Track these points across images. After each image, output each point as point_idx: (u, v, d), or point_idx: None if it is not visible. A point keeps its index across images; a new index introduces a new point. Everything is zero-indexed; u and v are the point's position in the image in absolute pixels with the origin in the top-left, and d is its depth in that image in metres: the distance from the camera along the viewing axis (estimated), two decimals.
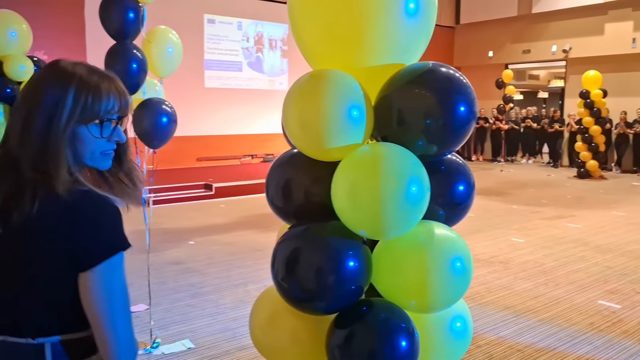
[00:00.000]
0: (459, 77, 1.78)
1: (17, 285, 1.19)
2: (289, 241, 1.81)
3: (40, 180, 1.16)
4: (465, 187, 1.91)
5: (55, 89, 1.20)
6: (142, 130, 3.65)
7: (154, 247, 6.31)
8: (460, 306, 1.97)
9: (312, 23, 1.84)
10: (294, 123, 1.77)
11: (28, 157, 1.17)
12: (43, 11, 10.05)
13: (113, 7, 3.50)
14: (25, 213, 1.14)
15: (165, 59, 3.78)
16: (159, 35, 3.79)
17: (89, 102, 1.22)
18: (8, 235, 1.16)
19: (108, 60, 3.59)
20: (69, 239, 1.16)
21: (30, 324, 1.19)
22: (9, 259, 1.19)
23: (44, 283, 1.18)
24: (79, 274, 1.17)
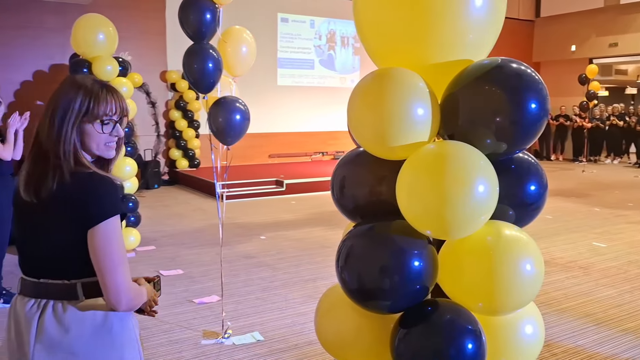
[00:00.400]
0: (530, 73, 1.71)
1: (52, 243, 1.62)
2: (353, 239, 1.82)
3: (59, 165, 1.58)
4: (536, 187, 1.84)
5: (68, 95, 1.61)
6: (217, 127, 3.77)
7: (226, 241, 6.52)
8: (531, 310, 1.90)
9: (376, 20, 1.83)
10: (358, 122, 1.77)
11: (52, 147, 1.60)
12: (127, 14, 10.61)
13: (191, 8, 3.65)
14: (49, 189, 1.57)
15: (239, 58, 3.88)
16: (233, 35, 3.91)
17: (91, 105, 1.62)
18: (39, 205, 1.60)
19: (186, 60, 3.73)
20: (78, 206, 1.58)
21: (65, 270, 1.63)
22: (44, 222, 1.62)
23: (68, 240, 1.60)
24: (87, 232, 1.57)
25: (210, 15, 3.64)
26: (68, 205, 1.58)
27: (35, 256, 1.66)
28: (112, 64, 5.64)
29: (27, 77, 10.04)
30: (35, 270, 1.66)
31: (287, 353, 3.68)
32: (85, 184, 1.59)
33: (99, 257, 1.56)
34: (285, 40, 13.25)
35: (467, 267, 1.71)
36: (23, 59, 9.93)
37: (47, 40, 10.05)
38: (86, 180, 1.59)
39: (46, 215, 1.60)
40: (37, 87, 10.09)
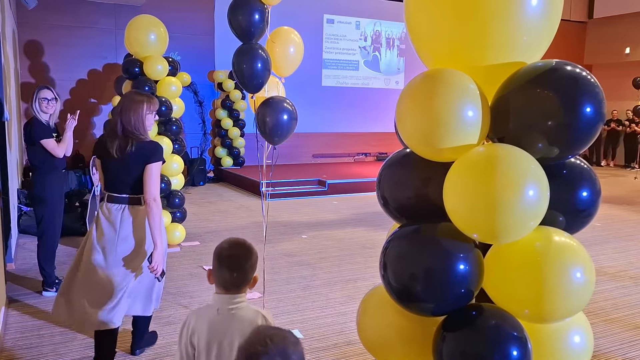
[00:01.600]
0: (585, 76, 1.67)
1: (129, 175, 3.05)
2: (398, 240, 1.82)
3: (132, 136, 3.07)
4: (589, 193, 1.80)
5: (136, 102, 3.12)
6: (264, 127, 3.81)
7: (269, 239, 6.60)
8: (580, 320, 1.85)
9: (428, 21, 1.82)
10: (407, 123, 1.77)
11: (126, 127, 3.07)
12: (177, 15, 10.87)
13: (240, 9, 3.70)
14: (127, 149, 3.03)
15: (287, 58, 3.91)
16: (282, 36, 3.94)
17: (150, 107, 3.18)
18: (123, 158, 3.03)
19: (235, 60, 3.79)
20: (143, 156, 3.05)
21: (133, 189, 3.07)
22: (124, 167, 3.04)
23: (136, 174, 3.05)
24: (145, 167, 3.03)
25: (258, 15, 3.68)
26: (138, 156, 3.04)
27: (119, 182, 3.07)
28: (162, 64, 5.80)
29: (82, 75, 10.42)
30: (117, 190, 3.08)
31: (327, 352, 3.69)
32: (146, 146, 3.10)
33: (148, 177, 3.02)
34: (331, 41, 13.29)
35: (515, 273, 1.68)
36: (78, 58, 10.32)
37: (101, 41, 10.41)
38: (146, 144, 3.11)
39: (126, 161, 3.03)
40: (91, 86, 10.47)
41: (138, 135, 3.05)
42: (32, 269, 5.25)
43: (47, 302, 4.46)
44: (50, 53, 10.11)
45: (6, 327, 3.94)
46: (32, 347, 3.66)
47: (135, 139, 3.04)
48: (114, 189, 3.07)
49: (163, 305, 4.39)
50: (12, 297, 4.54)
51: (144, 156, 3.02)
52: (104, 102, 10.50)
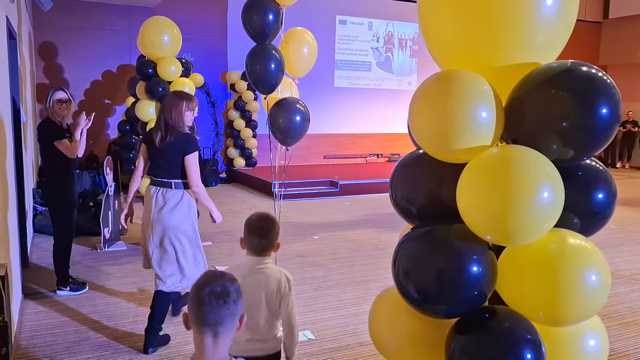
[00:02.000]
0: (601, 77, 1.65)
1: (168, 163, 3.52)
2: (411, 241, 1.81)
3: (172, 129, 3.49)
4: (605, 195, 1.78)
5: (177, 101, 3.53)
6: (277, 128, 3.80)
7: (281, 240, 6.58)
8: (595, 323, 1.83)
9: (442, 22, 1.81)
10: (420, 123, 1.77)
11: (168, 120, 3.49)
12: (191, 17, 10.94)
13: (255, 9, 3.69)
14: (167, 139, 3.49)
15: (301, 59, 3.89)
16: (295, 36, 3.92)
17: (190, 105, 3.55)
18: (163, 148, 3.49)
19: (248, 61, 3.79)
20: (182, 147, 3.49)
21: (171, 175, 3.53)
22: (165, 156, 3.50)
23: (177, 162, 3.50)
24: (184, 158, 3.49)
25: (273, 16, 3.67)
26: (176, 147, 3.48)
27: (158, 168, 3.54)
28: (175, 65, 5.84)
29: (96, 76, 10.52)
30: (156, 174, 3.55)
31: (339, 353, 3.69)
32: (182, 138, 3.51)
33: (188, 168, 3.48)
34: (343, 42, 13.28)
35: (529, 275, 1.67)
36: (92, 59, 10.41)
37: (115, 42, 10.50)
38: (182, 136, 3.52)
39: (165, 151, 3.49)
40: (106, 86, 10.56)
41: (177, 129, 3.49)
42: (47, 268, 5.30)
43: (62, 300, 4.50)
44: (65, 54, 10.21)
45: (21, 326, 3.98)
46: (47, 345, 3.70)
47: (174, 131, 3.49)
48: (154, 173, 3.60)
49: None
50: (27, 295, 4.59)
51: (181, 148, 3.49)
52: (117, 103, 10.58)
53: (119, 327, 4.01)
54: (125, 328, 3.99)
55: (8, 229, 3.63)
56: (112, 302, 4.49)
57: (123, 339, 3.81)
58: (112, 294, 4.70)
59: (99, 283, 4.97)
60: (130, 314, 4.26)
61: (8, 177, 3.81)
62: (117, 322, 4.09)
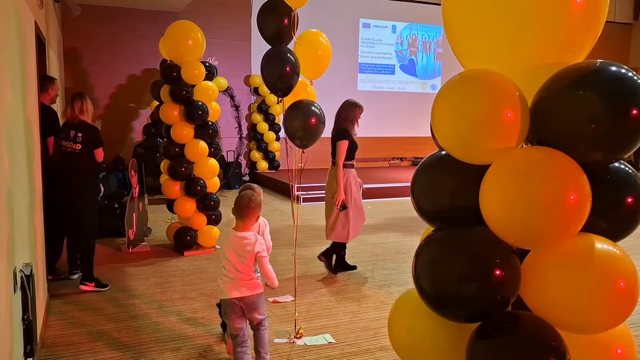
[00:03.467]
0: (631, 77, 1.60)
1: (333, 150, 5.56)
2: (433, 244, 1.78)
3: (340, 126, 5.46)
4: (634, 199, 1.72)
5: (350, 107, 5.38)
6: (291, 130, 3.77)
7: (303, 243, 6.60)
8: (623, 331, 1.77)
9: (466, 20, 1.78)
10: (443, 124, 1.74)
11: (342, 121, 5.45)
12: (216, 21, 11.04)
13: (268, 13, 3.68)
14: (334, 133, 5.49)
15: (315, 61, 3.83)
16: (309, 38, 3.86)
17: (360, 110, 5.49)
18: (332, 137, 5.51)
19: (263, 64, 3.79)
20: (338, 137, 5.51)
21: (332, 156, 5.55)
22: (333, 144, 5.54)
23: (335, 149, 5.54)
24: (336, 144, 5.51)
25: (287, 19, 3.66)
26: (335, 137, 5.43)
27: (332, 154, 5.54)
28: (199, 69, 5.89)
29: (121, 80, 10.69)
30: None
31: (358, 357, 3.66)
32: (339, 130, 5.36)
33: (337, 152, 5.49)
34: (367, 46, 13.25)
35: (554, 280, 1.62)
36: (118, 63, 10.59)
37: (141, 47, 10.66)
38: (339, 130, 5.35)
39: (334, 140, 5.38)
40: (131, 90, 10.72)
41: (344, 126, 5.28)
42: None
43: (86, 301, 4.57)
44: (91, 58, 10.40)
45: (46, 324, 4.05)
46: (71, 344, 3.75)
47: (340, 127, 5.27)
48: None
49: (197, 307, 4.44)
50: (52, 295, 4.66)
51: (338, 137, 5.26)
52: (142, 107, 10.73)
53: (142, 327, 4.05)
54: (149, 329, 4.02)
55: (35, 228, 3.69)
56: (135, 303, 4.54)
57: (146, 339, 3.84)
58: (135, 295, 4.75)
59: (123, 284, 5.02)
60: (154, 314, 4.30)
61: (36, 176, 3.88)
62: (140, 323, 4.13)
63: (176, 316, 4.25)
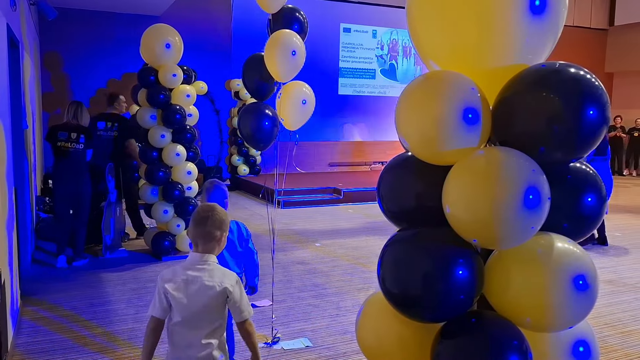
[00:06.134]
0: (589, 79, 1.63)
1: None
2: (396, 245, 1.79)
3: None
4: (594, 199, 1.75)
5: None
6: (246, 133, 3.74)
7: (282, 247, 6.58)
8: (585, 329, 1.80)
9: (429, 23, 1.80)
10: (406, 125, 1.75)
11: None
12: (196, 25, 11.01)
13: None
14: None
15: (286, 62, 3.61)
16: (281, 39, 3.75)
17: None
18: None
19: (243, 71, 3.81)
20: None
21: None
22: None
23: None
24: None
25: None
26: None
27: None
28: (177, 72, 5.86)
29: (101, 84, 10.59)
30: None
31: None
32: None
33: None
34: (347, 50, 13.31)
35: (516, 279, 1.64)
36: (98, 68, 10.49)
37: (121, 51, 10.57)
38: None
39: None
40: None
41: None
42: (46, 273, 5.32)
43: (61, 306, 4.50)
44: (70, 63, 10.30)
45: (19, 331, 3.98)
46: (44, 351, 3.69)
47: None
48: None
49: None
50: (26, 302, 4.59)
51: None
52: (122, 111, 10.63)
53: (118, 333, 4.00)
54: (124, 335, 3.98)
55: (5, 235, 3.64)
56: (111, 309, 4.49)
57: (122, 345, 3.79)
58: (112, 300, 4.70)
59: (100, 290, 4.96)
60: (130, 320, 4.25)
61: (7, 184, 3.82)
62: (115, 329, 4.08)
63: None
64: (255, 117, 3.67)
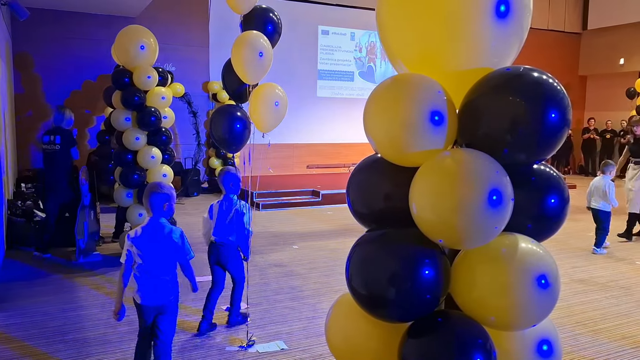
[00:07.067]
0: (551, 82, 1.67)
1: None
2: (364, 245, 1.81)
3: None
4: (557, 200, 1.78)
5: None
6: (218, 136, 3.74)
7: (260, 249, 6.56)
8: (548, 327, 1.83)
9: (398, 27, 1.82)
10: (374, 126, 1.77)
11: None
12: (173, 27, 10.93)
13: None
14: None
15: (254, 64, 3.61)
16: (248, 40, 3.66)
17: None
18: None
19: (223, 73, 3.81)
20: None
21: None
22: None
23: None
24: None
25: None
26: None
27: None
28: (152, 74, 5.81)
29: (76, 86, 10.44)
30: None
31: None
32: None
33: None
34: (326, 53, 13.33)
35: (480, 279, 1.67)
36: (72, 69, 10.34)
37: (95, 52, 10.42)
38: None
39: None
40: (86, 97, 10.47)
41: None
42: (17, 279, 5.22)
43: (32, 312, 4.43)
44: (43, 64, 10.13)
45: None
46: (15, 358, 3.62)
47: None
48: None
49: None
50: None
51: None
52: (97, 113, 10.50)
53: (89, 338, 3.95)
54: (97, 339, 3.93)
55: None
56: (84, 314, 4.42)
57: (92, 352, 3.74)
58: (85, 305, 4.63)
59: (72, 295, 4.89)
60: (102, 324, 4.20)
61: None
62: (86, 334, 4.02)
63: (127, 326, 4.16)
64: (226, 120, 3.66)
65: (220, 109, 3.78)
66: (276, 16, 3.80)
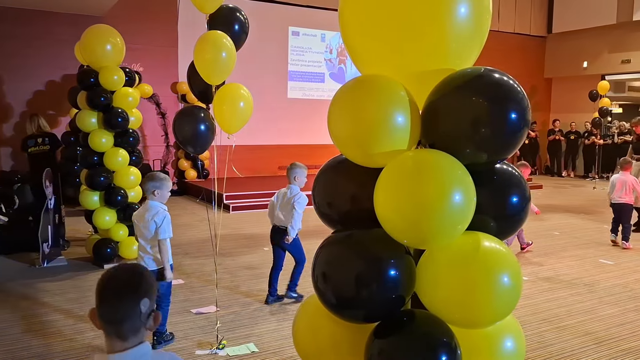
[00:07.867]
0: (511, 83, 1.70)
1: None
2: (329, 246, 1.81)
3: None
4: (518, 199, 1.81)
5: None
6: (182, 137, 3.68)
7: (230, 252, 6.51)
8: (512, 325, 1.86)
9: (361, 28, 1.83)
10: (338, 127, 1.77)
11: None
12: (140, 27, 10.76)
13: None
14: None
15: (216, 64, 3.55)
16: (212, 41, 3.61)
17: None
18: None
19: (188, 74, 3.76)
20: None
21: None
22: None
23: None
24: None
25: None
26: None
27: None
28: (118, 74, 5.71)
29: (39, 87, 10.19)
30: None
31: None
32: None
33: None
34: (296, 54, 13.33)
35: (444, 278, 1.68)
36: (35, 69, 10.09)
37: (60, 51, 10.20)
38: None
39: None
40: (49, 97, 10.23)
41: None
42: None
43: None
44: (4, 63, 9.85)
45: None
46: None
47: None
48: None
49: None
50: None
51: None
52: (62, 114, 10.26)
53: (54, 345, 3.85)
54: (63, 345, 3.83)
55: None
56: (49, 320, 4.31)
57: (58, 358, 3.65)
58: (50, 311, 4.52)
59: (36, 301, 4.76)
60: (68, 331, 4.10)
61: None
62: (52, 341, 3.92)
63: (92, 332, 4.07)
64: (189, 121, 3.61)
65: (183, 110, 3.73)
66: (243, 16, 3.77)
